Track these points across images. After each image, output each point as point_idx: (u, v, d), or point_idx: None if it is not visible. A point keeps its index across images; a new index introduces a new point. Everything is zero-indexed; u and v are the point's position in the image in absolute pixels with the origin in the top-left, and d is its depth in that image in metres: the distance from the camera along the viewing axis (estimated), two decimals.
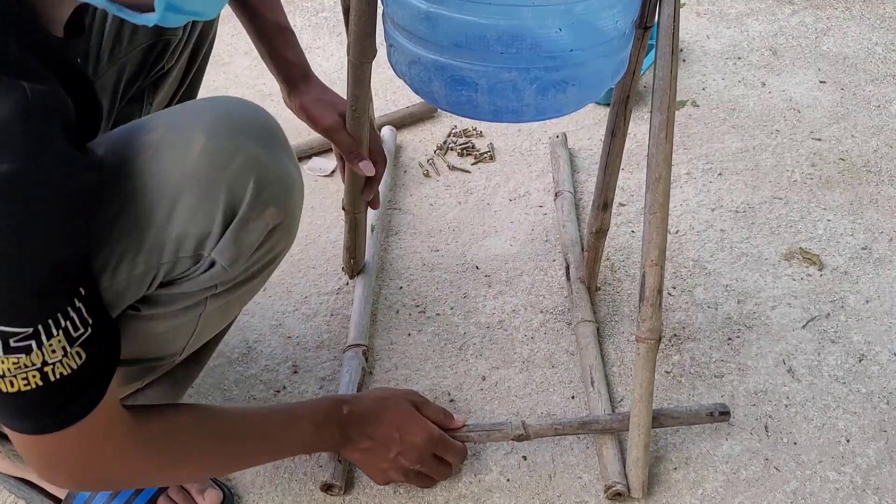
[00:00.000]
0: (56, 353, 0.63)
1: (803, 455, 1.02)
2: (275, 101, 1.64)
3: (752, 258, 1.29)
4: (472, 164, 1.49)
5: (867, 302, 1.22)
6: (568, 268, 1.23)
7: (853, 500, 0.98)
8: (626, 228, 1.34)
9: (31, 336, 0.61)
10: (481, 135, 1.56)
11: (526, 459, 1.02)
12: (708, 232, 1.34)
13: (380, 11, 0.90)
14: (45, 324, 0.62)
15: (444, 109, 0.89)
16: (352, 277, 1.25)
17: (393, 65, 0.89)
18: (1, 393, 0.63)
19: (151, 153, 0.71)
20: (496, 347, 1.16)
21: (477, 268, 1.29)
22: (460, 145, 1.52)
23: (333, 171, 1.46)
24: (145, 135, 0.72)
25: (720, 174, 1.45)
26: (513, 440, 0.99)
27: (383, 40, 0.90)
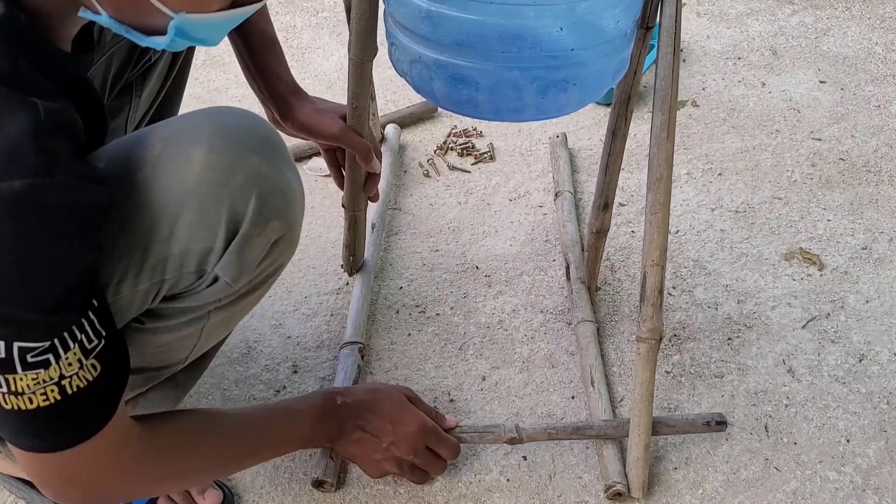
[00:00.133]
0: (72, 365, 0.63)
1: (803, 455, 1.02)
2: None
3: (752, 258, 1.29)
4: (473, 164, 1.49)
5: (867, 302, 1.22)
6: (568, 268, 1.23)
7: (853, 500, 0.98)
8: (626, 228, 1.34)
9: (48, 350, 0.61)
10: (481, 135, 1.56)
11: (526, 459, 1.02)
12: (708, 232, 1.34)
13: (381, 10, 0.90)
14: (61, 337, 0.62)
15: (445, 108, 0.89)
16: (351, 275, 1.25)
17: (394, 63, 0.89)
18: (20, 412, 0.63)
19: (152, 169, 0.70)
20: (496, 347, 1.16)
21: (477, 268, 1.29)
22: (460, 145, 1.52)
23: None
24: (144, 150, 0.72)
25: (720, 174, 1.45)
26: (505, 443, 0.99)
27: (384, 39, 0.90)
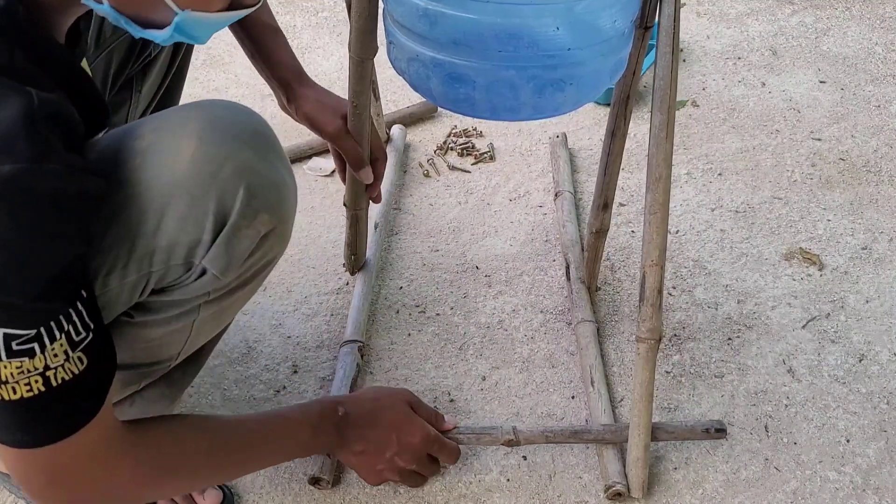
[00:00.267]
0: (58, 357, 0.63)
1: (803, 455, 1.02)
2: (275, 101, 1.64)
3: (752, 258, 1.29)
4: (472, 164, 1.49)
5: (867, 302, 1.22)
6: (568, 268, 1.23)
7: (853, 500, 0.97)
8: (626, 228, 1.34)
9: (33, 339, 0.61)
10: (481, 135, 1.56)
11: (526, 459, 1.02)
12: (708, 232, 1.34)
13: (381, 8, 0.90)
14: (47, 326, 0.62)
15: (442, 107, 0.89)
16: (352, 274, 1.26)
17: (392, 62, 0.90)
18: (2, 402, 0.62)
19: (140, 160, 0.70)
20: (496, 347, 1.16)
21: (477, 268, 1.29)
22: (460, 145, 1.52)
23: (333, 171, 1.46)
24: (134, 140, 0.71)
25: (720, 174, 1.45)
26: (503, 444, 0.99)
27: (384, 38, 0.90)
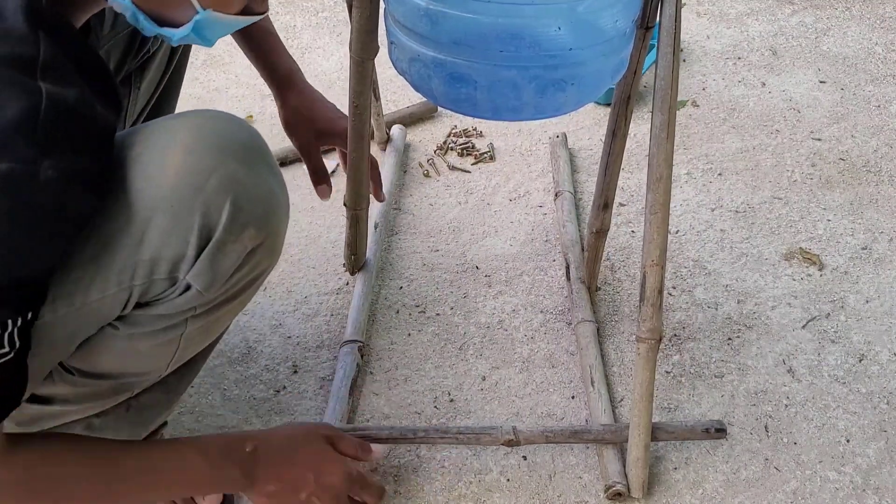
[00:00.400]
0: None
1: (803, 455, 1.02)
2: (275, 101, 1.64)
3: (752, 258, 1.29)
4: (473, 164, 1.49)
5: (867, 302, 1.22)
6: (568, 268, 1.23)
7: (853, 500, 0.97)
8: (626, 228, 1.34)
9: None
10: (481, 135, 1.56)
11: (526, 459, 1.02)
12: (708, 232, 1.34)
13: (382, 9, 0.90)
14: None
15: (444, 107, 0.89)
16: (353, 274, 1.25)
17: (394, 62, 0.89)
18: None
19: (127, 170, 0.69)
20: (496, 347, 1.16)
21: (477, 268, 1.29)
22: (460, 145, 1.52)
23: (334, 171, 1.46)
24: (125, 150, 0.71)
25: (720, 174, 1.45)
26: (503, 444, 0.99)
27: (385, 38, 0.90)
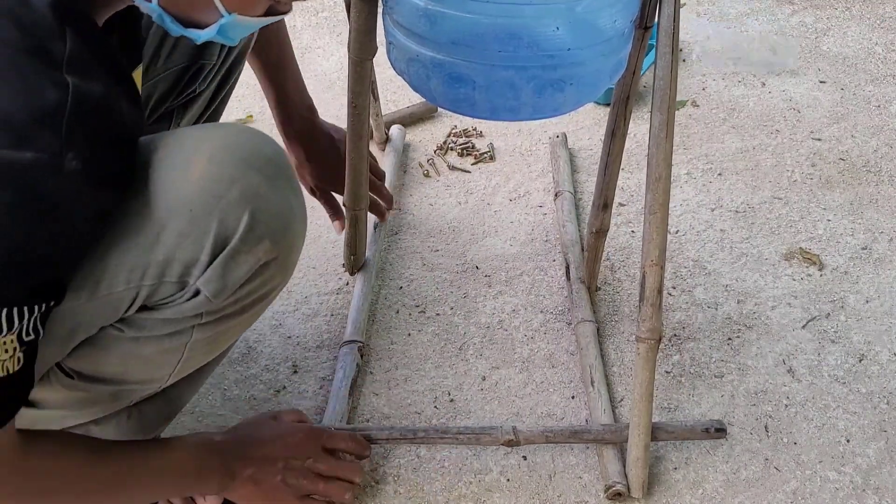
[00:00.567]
0: (8, 351, 0.61)
1: (803, 455, 1.02)
2: None
3: (752, 258, 1.29)
4: (472, 164, 1.49)
5: (867, 302, 1.22)
6: (568, 268, 1.23)
7: (853, 500, 0.97)
8: (626, 228, 1.34)
9: None
10: (481, 135, 1.56)
11: (526, 459, 1.02)
12: (708, 232, 1.34)
13: (380, 9, 0.90)
14: (9, 313, 0.60)
15: (442, 107, 0.89)
16: (352, 274, 1.26)
17: (392, 62, 0.89)
18: None
19: (149, 173, 0.70)
20: (496, 347, 1.16)
21: (477, 268, 1.29)
22: (460, 145, 1.52)
23: None
24: (150, 153, 0.71)
25: (720, 174, 1.45)
26: (503, 445, 0.99)
27: (383, 38, 0.90)
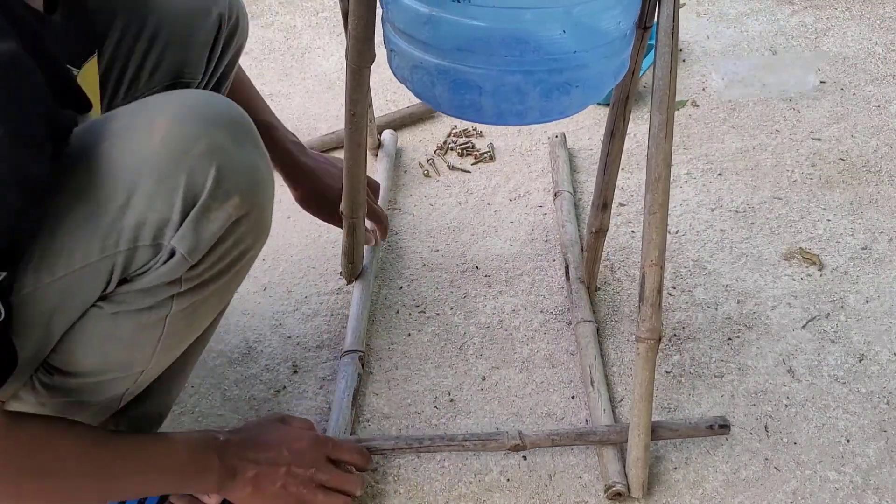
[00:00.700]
0: None
1: (803, 455, 1.02)
2: (275, 102, 1.65)
3: (752, 258, 1.29)
4: (472, 164, 1.49)
5: (867, 302, 1.22)
6: (568, 268, 1.23)
7: (853, 500, 0.98)
8: (625, 228, 1.34)
9: None
10: (481, 135, 1.56)
11: (526, 459, 1.02)
12: (708, 232, 1.34)
13: (379, 14, 0.90)
14: None
15: (447, 113, 0.89)
16: (349, 283, 1.25)
17: (394, 70, 0.89)
18: None
19: (113, 140, 0.69)
20: (496, 347, 1.16)
21: (477, 268, 1.29)
22: (460, 145, 1.52)
23: None
24: (111, 122, 0.71)
25: (720, 174, 1.45)
26: (509, 450, 0.99)
27: (381, 42, 0.90)
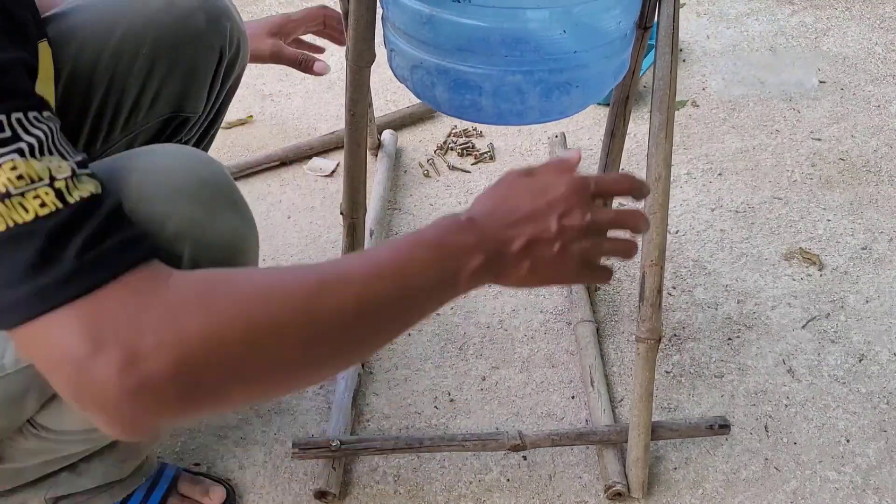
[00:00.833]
0: (62, 168, 0.51)
1: (803, 455, 1.02)
2: (275, 101, 1.65)
3: (752, 258, 1.29)
4: (472, 164, 1.49)
5: (867, 302, 1.22)
6: None
7: (853, 500, 0.98)
8: None
9: (10, 139, 0.50)
10: (481, 135, 1.56)
11: (526, 459, 1.02)
12: (708, 232, 1.34)
13: (379, 14, 0.90)
14: (16, 119, 0.51)
15: (447, 113, 0.89)
16: None
17: (394, 69, 0.89)
18: (20, 228, 0.49)
19: None
20: (496, 347, 1.16)
21: None
22: (460, 145, 1.52)
23: (333, 172, 1.46)
24: None
25: (720, 174, 1.45)
26: (509, 450, 0.99)
27: (381, 42, 0.90)
